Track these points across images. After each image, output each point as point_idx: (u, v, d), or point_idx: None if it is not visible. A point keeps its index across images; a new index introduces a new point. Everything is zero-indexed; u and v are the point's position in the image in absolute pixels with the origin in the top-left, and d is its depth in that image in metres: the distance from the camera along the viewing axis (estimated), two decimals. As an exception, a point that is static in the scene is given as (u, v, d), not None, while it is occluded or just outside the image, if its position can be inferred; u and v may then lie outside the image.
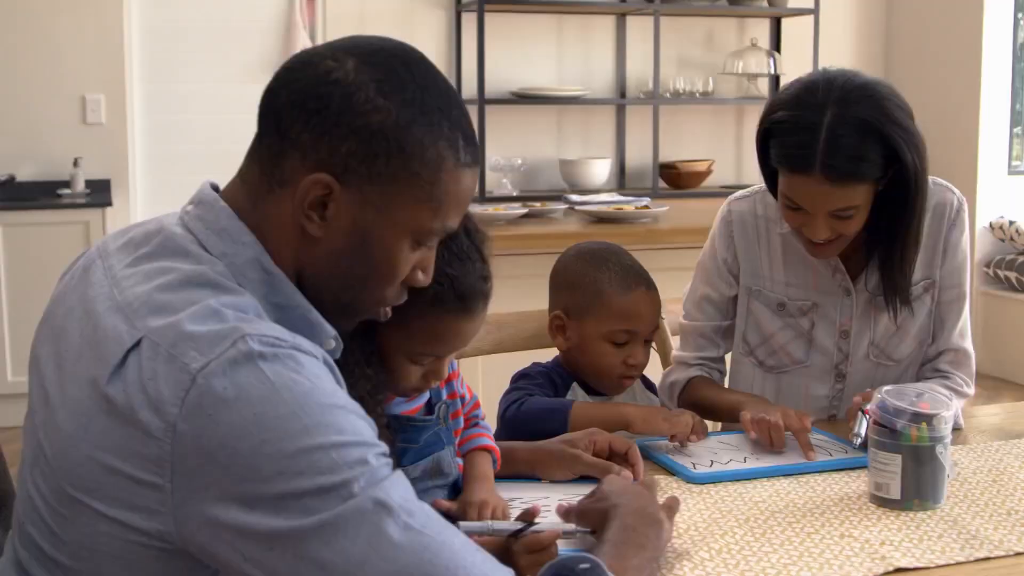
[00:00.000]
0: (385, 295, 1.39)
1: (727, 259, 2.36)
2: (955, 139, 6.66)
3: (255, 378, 1.16)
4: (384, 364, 1.64)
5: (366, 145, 1.28)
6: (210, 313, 1.21)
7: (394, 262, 1.35)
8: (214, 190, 1.37)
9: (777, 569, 1.53)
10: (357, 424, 1.21)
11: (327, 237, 1.31)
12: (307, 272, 1.34)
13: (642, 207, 4.88)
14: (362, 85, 1.28)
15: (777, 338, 2.33)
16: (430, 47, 6.39)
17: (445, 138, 1.32)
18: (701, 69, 6.90)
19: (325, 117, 1.28)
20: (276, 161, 1.31)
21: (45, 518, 1.26)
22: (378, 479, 1.18)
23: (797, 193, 2.07)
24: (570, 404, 2.08)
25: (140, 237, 1.34)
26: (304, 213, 1.30)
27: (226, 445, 1.15)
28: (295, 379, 1.18)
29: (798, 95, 2.08)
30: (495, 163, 6.14)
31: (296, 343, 1.22)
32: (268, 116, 1.32)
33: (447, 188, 1.33)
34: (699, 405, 2.32)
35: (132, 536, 1.20)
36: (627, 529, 1.48)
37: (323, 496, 1.15)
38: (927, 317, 2.30)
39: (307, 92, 1.29)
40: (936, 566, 1.56)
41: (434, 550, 1.18)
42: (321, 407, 1.18)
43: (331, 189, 1.29)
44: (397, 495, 1.19)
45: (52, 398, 1.27)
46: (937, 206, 2.26)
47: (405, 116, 1.29)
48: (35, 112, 5.87)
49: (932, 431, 1.75)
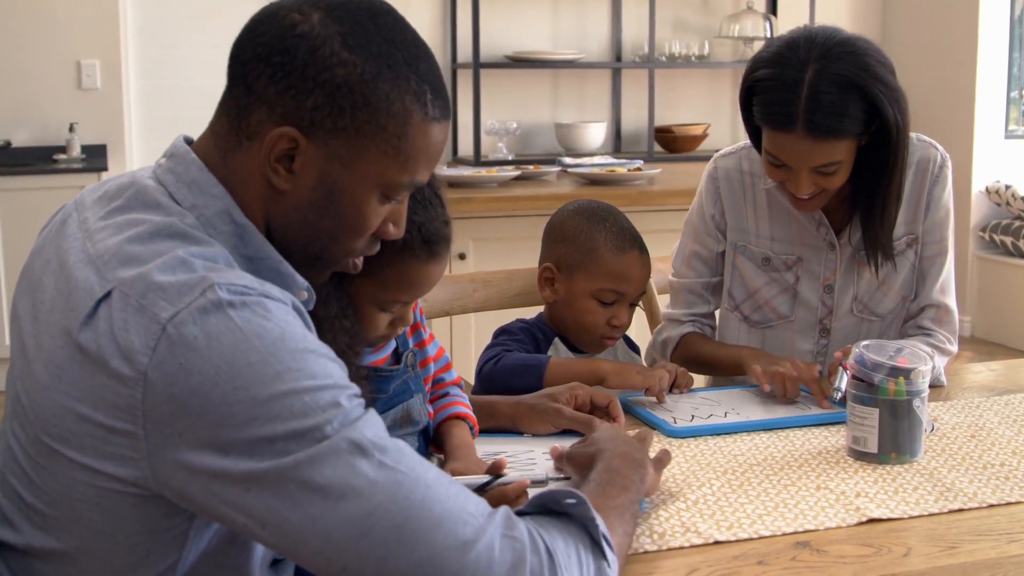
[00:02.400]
0: (354, 247, 1.40)
1: (714, 215, 2.38)
2: (952, 103, 6.65)
3: (225, 326, 1.17)
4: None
5: (331, 99, 1.28)
6: (178, 263, 1.22)
7: (362, 215, 1.35)
8: (187, 143, 1.37)
9: (752, 519, 1.55)
10: (328, 367, 1.22)
11: (294, 190, 1.32)
12: (275, 224, 1.34)
13: (635, 169, 4.88)
14: (327, 39, 1.28)
15: (762, 293, 2.35)
16: (425, 11, 6.37)
17: (412, 92, 1.31)
18: (697, 32, 6.87)
19: (290, 71, 1.28)
20: (243, 114, 1.31)
21: (24, 468, 1.28)
22: (351, 419, 1.20)
23: (780, 150, 2.08)
24: (546, 359, 2.10)
25: (114, 190, 1.35)
26: (270, 166, 1.30)
27: (198, 392, 1.16)
28: (265, 326, 1.19)
29: (780, 52, 2.08)
30: (490, 127, 6.13)
31: (265, 290, 1.23)
32: (236, 69, 1.32)
33: (415, 142, 1.33)
34: (695, 360, 2.36)
35: (107, 483, 1.22)
36: (612, 471, 1.50)
37: (297, 439, 1.17)
38: (910, 272, 2.31)
39: (273, 45, 1.29)
40: (909, 517, 1.57)
41: (408, 486, 1.19)
42: (292, 352, 1.19)
43: (297, 143, 1.29)
44: (370, 433, 1.20)
45: (28, 349, 1.28)
46: (920, 162, 2.27)
47: (371, 70, 1.29)
48: (30, 78, 5.86)
49: (909, 385, 1.77)
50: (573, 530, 1.29)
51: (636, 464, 1.54)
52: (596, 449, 1.58)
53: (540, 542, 1.24)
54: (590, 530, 1.30)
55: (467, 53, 6.33)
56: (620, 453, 1.56)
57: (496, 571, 1.20)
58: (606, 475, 1.49)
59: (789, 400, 2.07)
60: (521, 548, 1.22)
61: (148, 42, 6.14)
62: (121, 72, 5.99)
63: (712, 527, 1.52)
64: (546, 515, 1.32)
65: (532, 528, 1.25)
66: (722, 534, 1.50)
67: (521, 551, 1.21)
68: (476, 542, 1.20)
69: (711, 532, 1.51)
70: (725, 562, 1.43)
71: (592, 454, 1.57)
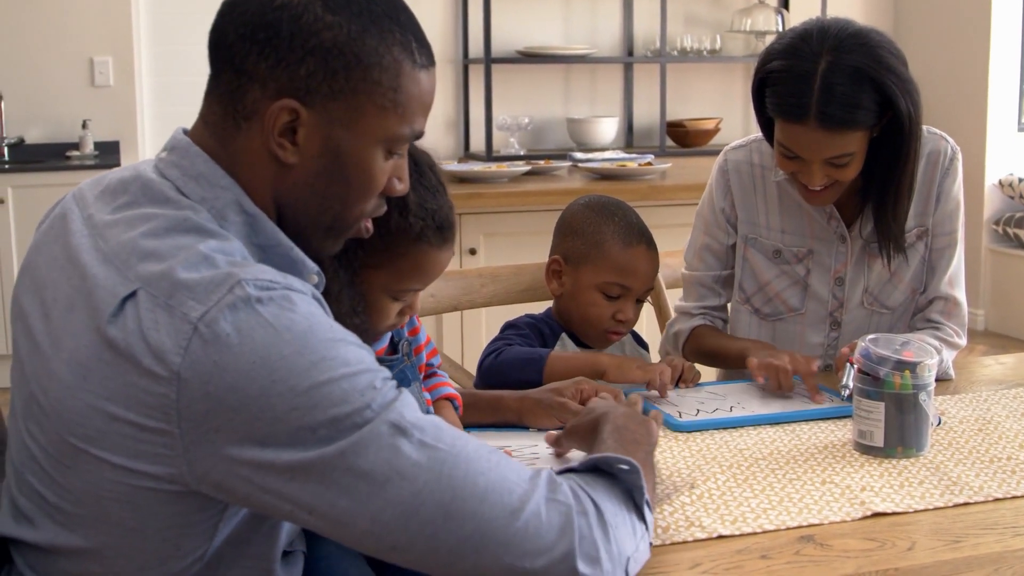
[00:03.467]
0: (364, 209, 1.40)
1: (724, 208, 2.38)
2: (964, 96, 6.63)
3: (255, 321, 1.18)
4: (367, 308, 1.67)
5: (323, 63, 1.29)
6: (201, 259, 1.22)
7: (370, 174, 1.36)
8: (186, 135, 1.37)
9: (756, 513, 1.55)
10: (359, 353, 1.24)
11: (301, 162, 1.32)
12: (286, 201, 1.35)
13: (645, 164, 4.88)
14: (309, 4, 1.28)
15: (773, 286, 2.35)
16: (436, 6, 6.38)
17: (399, 43, 1.33)
18: (709, 27, 6.86)
19: (277, 44, 1.28)
20: (237, 96, 1.31)
21: (45, 467, 1.28)
22: (388, 401, 1.22)
23: (793, 141, 2.08)
24: (546, 354, 2.10)
25: (116, 184, 1.35)
26: (275, 142, 1.31)
27: (235, 388, 1.17)
28: (293, 319, 1.20)
29: (793, 44, 2.08)
30: (502, 122, 6.13)
31: (288, 283, 1.24)
32: (220, 52, 1.32)
33: (409, 92, 1.34)
34: (705, 353, 2.37)
35: (140, 481, 1.22)
36: (620, 429, 1.53)
37: (338, 425, 1.18)
38: (920, 265, 2.31)
39: (255, 22, 1.29)
40: (914, 511, 1.57)
41: (451, 462, 1.22)
42: (323, 342, 1.21)
43: (297, 113, 1.29)
44: (409, 414, 1.23)
45: (43, 348, 1.28)
46: (931, 154, 2.27)
47: (356, 27, 1.29)
48: (44, 75, 5.89)
49: (915, 379, 1.76)
50: (619, 491, 1.33)
51: (639, 420, 1.58)
52: (597, 415, 1.61)
53: (588, 502, 1.27)
54: (635, 496, 1.34)
55: (479, 48, 6.32)
56: (621, 413, 1.59)
57: (545, 535, 1.23)
58: (616, 433, 1.52)
59: (784, 393, 2.07)
60: (567, 510, 1.25)
61: (161, 39, 6.16)
62: (134, 69, 6.01)
63: (716, 521, 1.52)
64: (591, 472, 1.35)
65: (577, 487, 1.29)
66: (726, 528, 1.50)
67: (568, 513, 1.25)
68: (523, 509, 1.23)
69: (715, 527, 1.50)
70: (729, 556, 1.43)
71: (594, 419, 1.60)
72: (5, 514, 1.36)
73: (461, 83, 6.52)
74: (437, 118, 6.45)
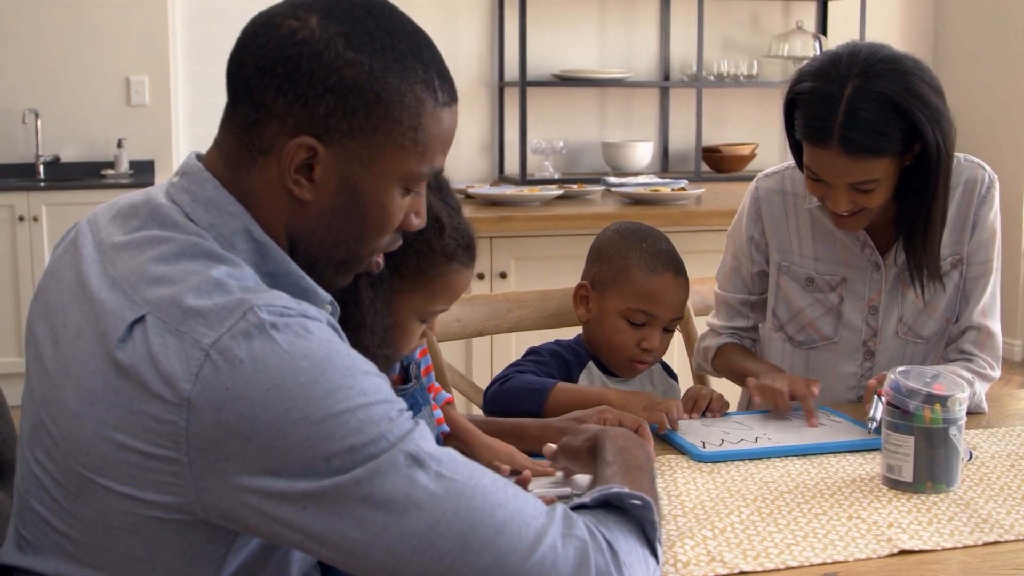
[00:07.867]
0: (379, 245, 1.38)
1: (754, 236, 2.35)
2: (1004, 123, 6.56)
3: (270, 348, 1.16)
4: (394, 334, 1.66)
5: (343, 101, 1.26)
6: (214, 285, 1.20)
7: (387, 212, 1.34)
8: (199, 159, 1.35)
9: (780, 549, 1.51)
10: (376, 382, 1.22)
11: (317, 199, 1.30)
12: (298, 235, 1.33)
13: (679, 189, 4.84)
14: (330, 41, 1.26)
15: (806, 314, 2.32)
16: (472, 29, 6.38)
17: (421, 81, 1.30)
18: (745, 52, 6.84)
19: (297, 80, 1.25)
20: (254, 130, 1.29)
21: (54, 495, 1.26)
22: (405, 432, 1.19)
23: (817, 165, 2.06)
24: (551, 385, 2.08)
25: (127, 208, 1.33)
26: (291, 178, 1.28)
27: (247, 416, 1.14)
28: (309, 346, 1.18)
29: (822, 66, 2.06)
30: (536, 146, 6.11)
31: (303, 310, 1.22)
32: (238, 85, 1.30)
33: (430, 131, 1.32)
34: (728, 370, 2.39)
35: (147, 511, 1.20)
36: (621, 451, 1.51)
37: (354, 455, 1.16)
38: (954, 294, 2.27)
39: (274, 56, 1.26)
40: (943, 548, 1.53)
41: (468, 494, 1.19)
42: (340, 371, 1.18)
43: (315, 151, 1.27)
44: (426, 445, 1.20)
45: (52, 375, 1.26)
46: (968, 182, 2.23)
47: (378, 65, 1.27)
48: (80, 94, 5.92)
49: (946, 413, 1.72)
50: (632, 526, 1.31)
51: (636, 441, 1.57)
52: (592, 434, 1.59)
53: (602, 539, 1.25)
54: (647, 531, 1.32)
55: (514, 71, 6.32)
56: (619, 433, 1.58)
57: (561, 570, 1.21)
58: (618, 456, 1.50)
59: (780, 414, 2.08)
60: (584, 546, 1.23)
61: (197, 59, 6.19)
62: (170, 88, 6.04)
63: (738, 556, 1.48)
64: (603, 508, 1.33)
65: (591, 524, 1.26)
66: (748, 564, 1.46)
67: (584, 549, 1.23)
68: (540, 543, 1.21)
69: (737, 562, 1.47)
70: (749, 593, 1.40)
71: (590, 439, 1.58)
72: (10, 543, 1.34)
73: (496, 106, 6.52)
74: (472, 141, 6.46)
